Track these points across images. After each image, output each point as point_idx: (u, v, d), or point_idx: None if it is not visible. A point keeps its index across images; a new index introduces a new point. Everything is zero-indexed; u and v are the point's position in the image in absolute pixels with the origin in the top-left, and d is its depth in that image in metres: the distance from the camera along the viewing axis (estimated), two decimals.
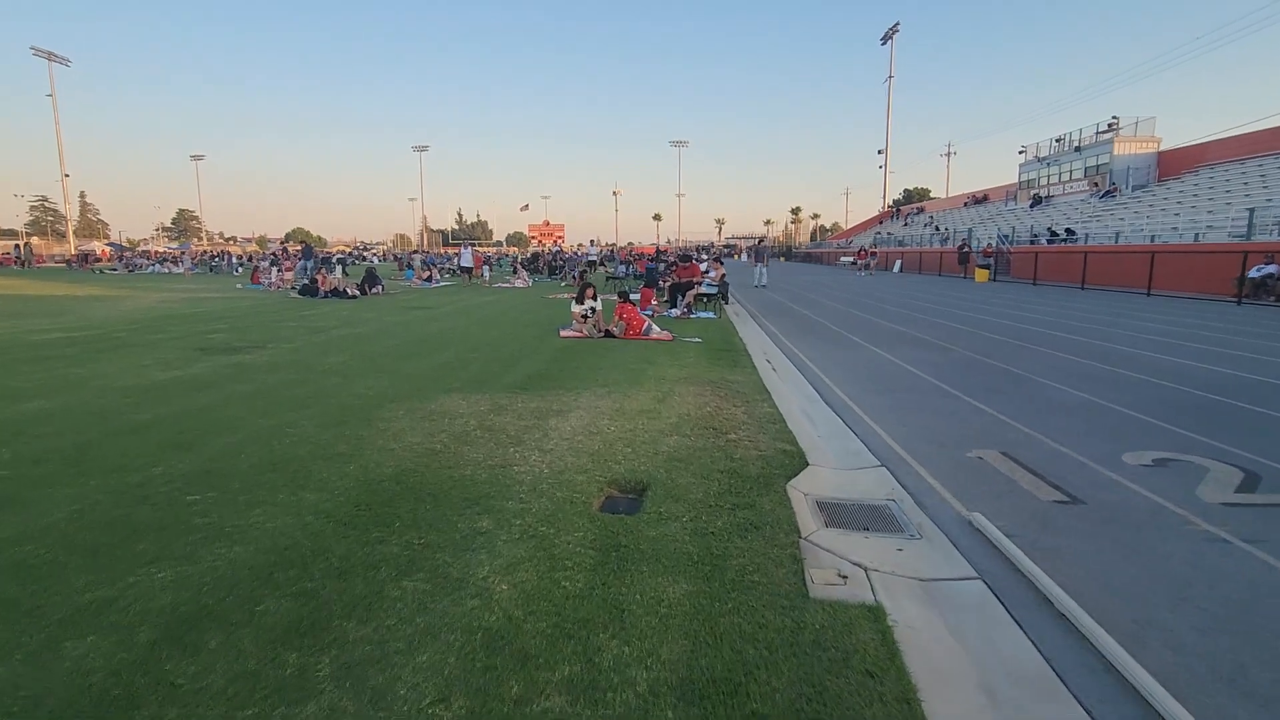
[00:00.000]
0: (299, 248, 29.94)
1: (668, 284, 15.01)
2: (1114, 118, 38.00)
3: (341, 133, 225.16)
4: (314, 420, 4.82)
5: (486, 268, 26.24)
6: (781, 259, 62.92)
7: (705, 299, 13.47)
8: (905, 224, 64.45)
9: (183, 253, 44.16)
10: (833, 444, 4.68)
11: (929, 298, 18.79)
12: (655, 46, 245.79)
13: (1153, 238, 23.42)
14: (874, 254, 32.41)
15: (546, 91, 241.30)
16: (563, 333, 9.75)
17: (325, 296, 17.20)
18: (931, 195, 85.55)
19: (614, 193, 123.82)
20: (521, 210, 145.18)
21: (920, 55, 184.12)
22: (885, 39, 63.69)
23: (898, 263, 39.84)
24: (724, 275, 13.13)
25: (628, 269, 24.51)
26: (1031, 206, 43.82)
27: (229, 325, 10.96)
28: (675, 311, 13.01)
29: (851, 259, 49.96)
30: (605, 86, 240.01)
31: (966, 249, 26.92)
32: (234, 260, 37.95)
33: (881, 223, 72.41)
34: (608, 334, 9.56)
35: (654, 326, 9.90)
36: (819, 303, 17.15)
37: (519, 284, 23.53)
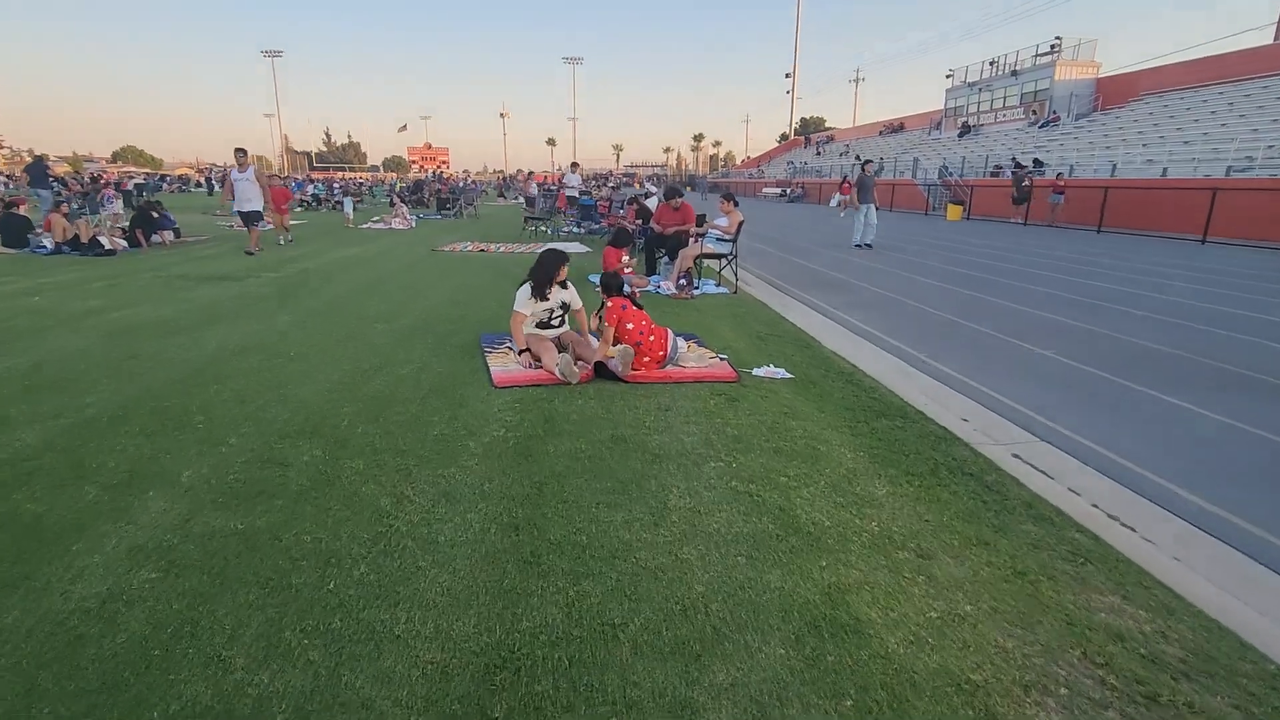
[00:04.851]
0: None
1: (618, 222, 9.61)
2: (1057, 38, 35.34)
3: (176, 34, 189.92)
4: None
5: (350, 201, 19.28)
6: (688, 189, 57.40)
7: (702, 263, 8.39)
8: (818, 153, 61.50)
9: None
10: None
11: (976, 248, 14.68)
12: None
13: (1165, 170, 20.57)
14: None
15: None
16: (499, 373, 4.38)
17: (58, 251, 10.41)
18: (828, 125, 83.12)
19: (501, 114, 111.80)
20: (400, 132, 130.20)
21: None
22: None
23: (835, 196, 36.10)
24: (741, 224, 8.09)
25: (542, 203, 18.20)
26: (960, 136, 41.39)
27: None
28: (665, 285, 7.87)
29: (775, 192, 45.72)
30: None
31: (1029, 183, 21.25)
32: None
33: (790, 151, 69.02)
34: (597, 371, 4.35)
35: (680, 344, 4.79)
36: (848, 261, 12.55)
37: (398, 224, 17.14)
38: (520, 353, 4.52)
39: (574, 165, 18.99)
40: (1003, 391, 4.53)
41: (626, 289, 4.75)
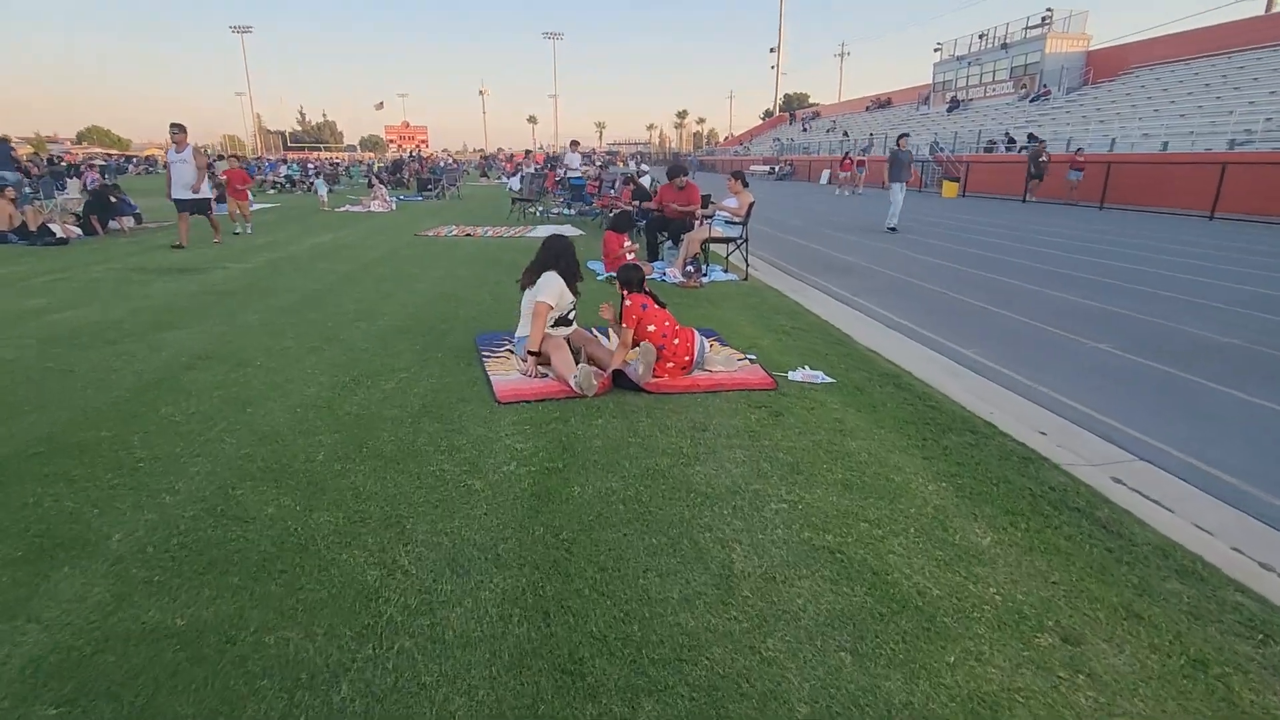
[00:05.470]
0: None
1: (611, 202, 8.99)
2: (1048, 10, 34.73)
3: (142, 10, 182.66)
4: None
5: (321, 182, 18.30)
6: None
7: (709, 247, 7.79)
8: (804, 129, 60.79)
9: None
10: None
11: (981, 227, 14.16)
12: None
13: (1165, 144, 20.15)
14: (862, 164, 26.87)
15: None
16: (501, 385, 3.77)
17: (4, 240, 9.57)
18: (812, 101, 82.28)
19: (480, 92, 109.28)
20: (377, 109, 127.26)
21: None
22: None
23: (825, 172, 35.56)
24: (752, 205, 7.50)
25: (529, 181, 17.28)
26: (949, 111, 40.88)
27: None
28: (671, 272, 7.28)
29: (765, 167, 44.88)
30: None
31: (1046, 158, 19.95)
32: None
33: (776, 128, 68.19)
34: (615, 380, 3.77)
35: (705, 343, 4.22)
36: (853, 242, 12.02)
37: (377, 207, 16.30)
38: (528, 356, 3.93)
39: (574, 143, 18.15)
40: (1068, 394, 4.03)
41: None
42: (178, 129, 9.16)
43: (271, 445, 2.95)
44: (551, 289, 3.92)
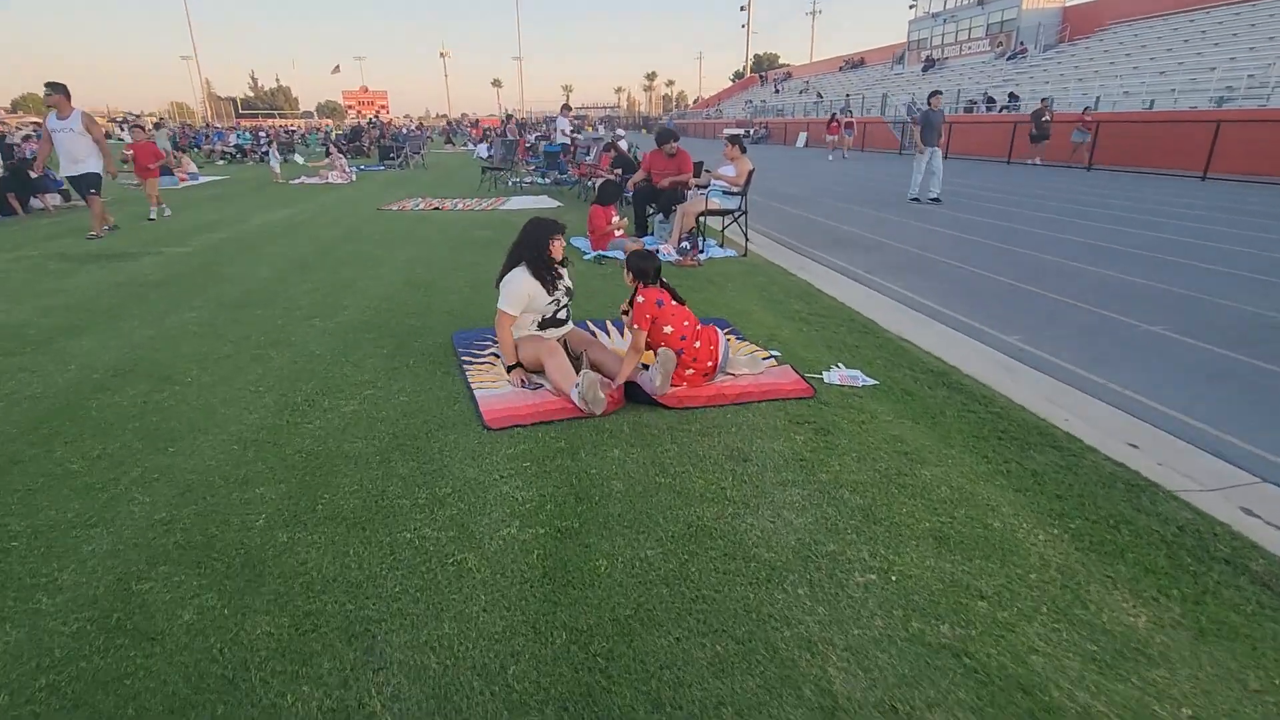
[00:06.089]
0: None
1: (589, 170, 8.26)
2: None
3: None
4: None
5: (274, 152, 16.96)
6: (642, 132, 54.43)
7: (703, 221, 7.11)
8: (777, 91, 59.67)
9: None
10: None
11: (976, 192, 13.61)
12: None
13: (1152, 103, 19.79)
14: (850, 126, 25.60)
15: None
16: (490, 406, 3.11)
17: None
18: (782, 62, 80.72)
19: (441, 54, 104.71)
20: (333, 74, 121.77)
21: None
22: None
23: (802, 135, 34.79)
24: (751, 173, 6.81)
25: (499, 151, 16.23)
26: (924, 70, 40.19)
27: None
28: (664, 249, 6.61)
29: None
30: None
31: (1049, 117, 18.96)
32: None
33: (748, 90, 66.79)
34: (628, 394, 3.14)
35: (727, 343, 3.60)
36: (849, 211, 11.42)
37: (336, 178, 15.16)
38: (510, 368, 3.30)
39: (565, 108, 17.01)
40: (1140, 390, 3.53)
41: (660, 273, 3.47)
42: (54, 89, 7.07)
43: (196, 504, 2.28)
44: (512, 294, 3.26)
